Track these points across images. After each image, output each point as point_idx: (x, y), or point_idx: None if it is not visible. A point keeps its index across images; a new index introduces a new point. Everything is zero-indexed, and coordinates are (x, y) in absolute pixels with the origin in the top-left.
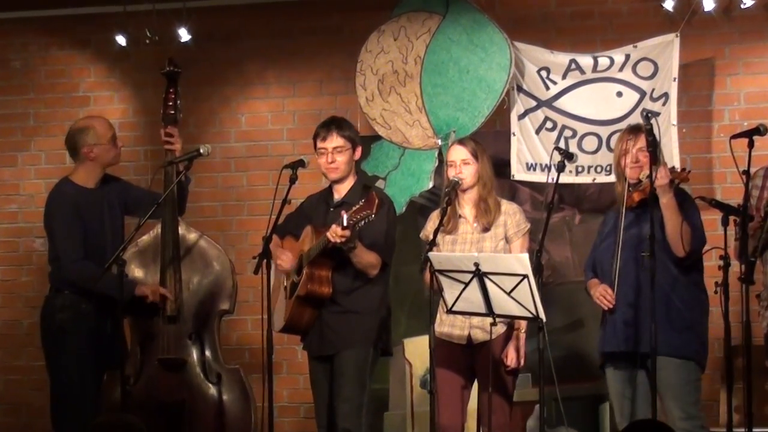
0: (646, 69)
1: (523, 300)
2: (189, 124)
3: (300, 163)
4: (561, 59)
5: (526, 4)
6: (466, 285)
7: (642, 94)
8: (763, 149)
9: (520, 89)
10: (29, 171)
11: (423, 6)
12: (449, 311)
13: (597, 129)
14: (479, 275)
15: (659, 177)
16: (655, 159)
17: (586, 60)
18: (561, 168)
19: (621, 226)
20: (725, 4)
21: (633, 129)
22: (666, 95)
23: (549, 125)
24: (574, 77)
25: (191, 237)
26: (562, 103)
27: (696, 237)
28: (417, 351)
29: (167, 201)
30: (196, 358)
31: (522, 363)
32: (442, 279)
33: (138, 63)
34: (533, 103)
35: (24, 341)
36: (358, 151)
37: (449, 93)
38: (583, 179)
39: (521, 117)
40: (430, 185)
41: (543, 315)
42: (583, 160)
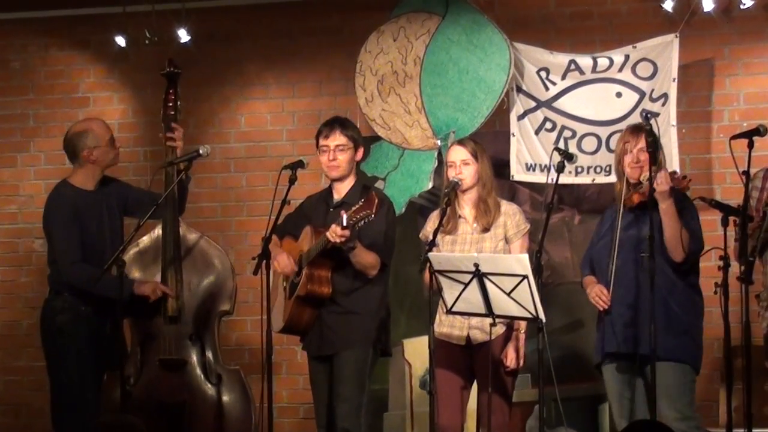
0: (645, 69)
1: (523, 300)
2: (188, 124)
3: (299, 164)
4: (560, 60)
5: (525, 4)
6: (465, 285)
7: (641, 94)
8: (763, 150)
9: (519, 90)
10: (29, 172)
11: (422, 6)
12: (449, 312)
13: (596, 129)
14: (479, 276)
15: (660, 183)
16: (655, 159)
17: (585, 60)
18: (560, 168)
19: (618, 225)
20: (725, 4)
21: (635, 129)
22: (665, 96)
23: (548, 126)
24: (573, 78)
25: (192, 237)
26: (561, 104)
27: (694, 243)
28: (416, 351)
29: (168, 201)
30: (196, 358)
31: (521, 363)
32: (441, 279)
33: (137, 64)
34: (533, 104)
35: (23, 342)
36: (360, 152)
37: (449, 94)
38: (583, 180)
39: (521, 117)
40: (429, 186)
41: (543, 315)
42: (583, 160)
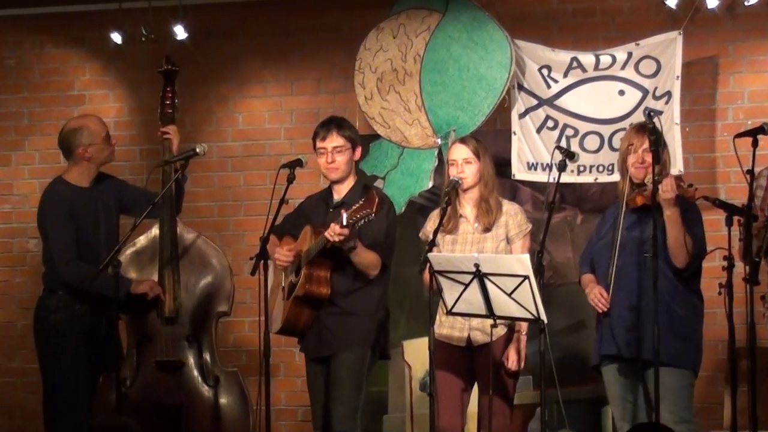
0: (648, 67)
1: (524, 301)
2: (185, 122)
3: (298, 163)
4: (562, 57)
5: (526, 1)
6: (466, 286)
7: (644, 92)
8: None
9: (520, 87)
10: (23, 171)
11: (422, 3)
12: (449, 313)
13: (599, 128)
14: (479, 276)
15: (665, 191)
16: (658, 158)
17: (587, 58)
18: (562, 167)
19: (620, 225)
20: (729, 1)
21: (640, 128)
22: (669, 94)
23: (550, 124)
24: (575, 75)
25: (189, 237)
26: (563, 102)
27: (697, 250)
28: (416, 353)
29: (165, 200)
30: (193, 360)
31: (523, 365)
32: (441, 280)
33: (134, 61)
34: (534, 102)
35: (17, 343)
36: (358, 151)
37: (449, 91)
38: (585, 179)
39: (522, 116)
40: (429, 185)
41: (544, 316)
42: (585, 159)
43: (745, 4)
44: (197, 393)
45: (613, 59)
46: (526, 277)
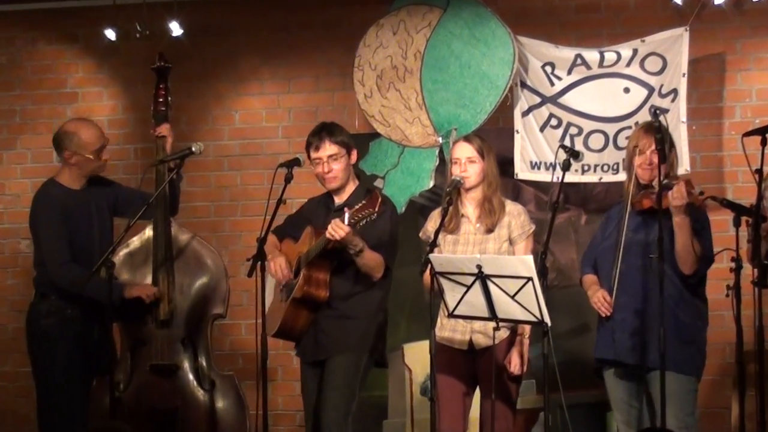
0: (654, 64)
1: (528, 304)
2: (181, 121)
3: (296, 162)
4: (566, 54)
5: None
6: (468, 288)
7: (650, 90)
8: None
9: (523, 85)
10: (15, 170)
11: None
12: (450, 315)
13: (603, 126)
14: (482, 278)
15: (676, 197)
16: (664, 157)
17: (592, 55)
18: (566, 167)
19: (625, 227)
20: None
21: (649, 128)
22: (675, 91)
23: (554, 122)
24: (579, 73)
25: (183, 238)
26: (567, 100)
27: (704, 257)
28: (417, 356)
29: (159, 201)
30: (188, 364)
31: (526, 369)
32: (443, 281)
33: (128, 58)
34: (537, 100)
35: (9, 346)
36: (353, 155)
37: (450, 89)
38: (590, 178)
39: (525, 114)
40: (430, 184)
41: (548, 319)
42: (590, 158)
43: (753, 0)
44: (192, 397)
45: (618, 56)
46: (529, 279)
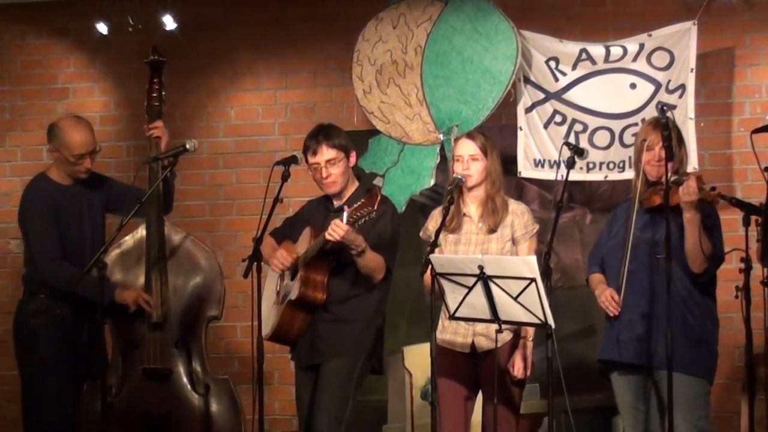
0: (661, 59)
1: (531, 305)
2: (175, 117)
3: (293, 160)
4: (571, 49)
5: None
6: (469, 289)
7: (657, 85)
8: None
9: (527, 81)
10: (4, 168)
11: None
12: (452, 317)
13: (609, 123)
14: (484, 279)
15: (687, 193)
16: (671, 155)
17: (597, 49)
18: (571, 164)
19: (632, 225)
20: None
21: (657, 123)
22: (683, 87)
23: (558, 119)
24: (584, 68)
25: (177, 237)
26: (572, 96)
27: (715, 255)
28: (417, 360)
29: (152, 199)
30: (182, 367)
31: (529, 373)
32: (444, 283)
33: (120, 52)
34: (541, 96)
35: None
36: (352, 158)
37: (452, 85)
38: (595, 176)
39: (528, 110)
40: (431, 183)
41: (552, 321)
42: (595, 156)
43: None
44: (186, 402)
45: (624, 51)
46: (532, 280)
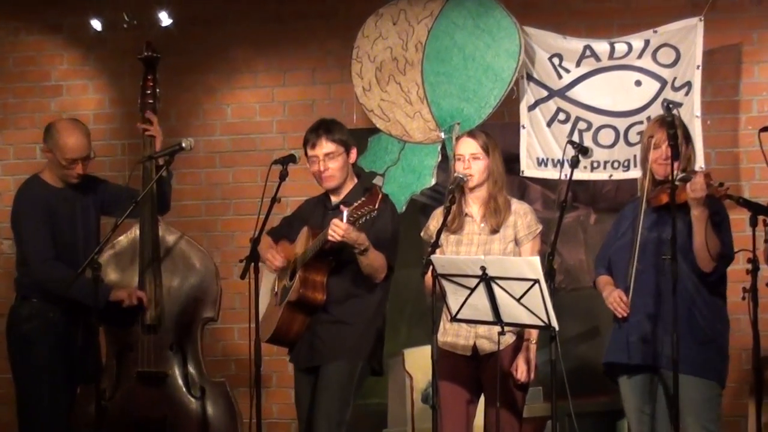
0: (667, 56)
1: (534, 307)
2: (170, 115)
3: (291, 159)
4: (575, 45)
5: None
6: (471, 291)
7: (663, 83)
8: None
9: (530, 78)
10: None
11: None
12: (453, 319)
13: (614, 121)
14: (486, 280)
15: (695, 189)
16: (677, 154)
17: (601, 46)
18: (575, 163)
19: (640, 225)
20: None
21: (664, 121)
22: (689, 84)
23: (561, 117)
24: (588, 65)
25: (171, 238)
26: (575, 93)
27: (724, 254)
28: (418, 362)
29: (146, 199)
30: (178, 370)
31: (533, 376)
32: (445, 284)
33: (115, 49)
34: (544, 93)
35: None
36: (353, 154)
37: (453, 82)
38: (599, 175)
39: (531, 108)
40: (432, 182)
41: (555, 323)
42: (599, 154)
43: None
44: (182, 406)
45: (629, 47)
46: (536, 281)
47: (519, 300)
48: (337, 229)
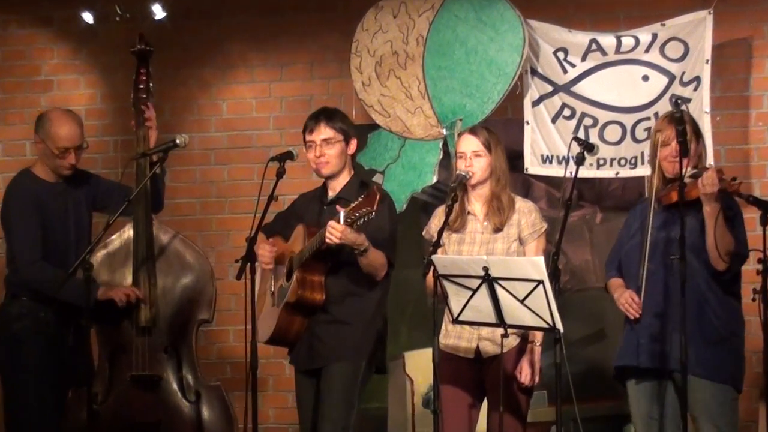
0: (675, 50)
1: (538, 308)
2: (164, 111)
3: (288, 155)
4: (580, 39)
5: None
6: (474, 292)
7: (671, 78)
8: None
9: (534, 72)
10: None
11: None
12: (455, 321)
13: (620, 117)
14: (489, 281)
15: (707, 184)
16: (686, 151)
17: (608, 40)
18: (580, 161)
19: (650, 224)
20: None
21: (673, 118)
22: (698, 79)
23: (567, 113)
24: (594, 59)
25: (165, 237)
26: (581, 88)
27: (738, 251)
28: (419, 365)
29: (139, 197)
30: (172, 374)
31: (537, 379)
32: (447, 285)
33: (107, 43)
34: (549, 88)
35: None
36: (352, 145)
37: (455, 77)
38: (605, 173)
39: (536, 103)
40: (433, 180)
41: (560, 325)
42: (605, 151)
43: None
44: (176, 410)
45: (636, 41)
46: (540, 282)
47: (523, 301)
48: (335, 232)
